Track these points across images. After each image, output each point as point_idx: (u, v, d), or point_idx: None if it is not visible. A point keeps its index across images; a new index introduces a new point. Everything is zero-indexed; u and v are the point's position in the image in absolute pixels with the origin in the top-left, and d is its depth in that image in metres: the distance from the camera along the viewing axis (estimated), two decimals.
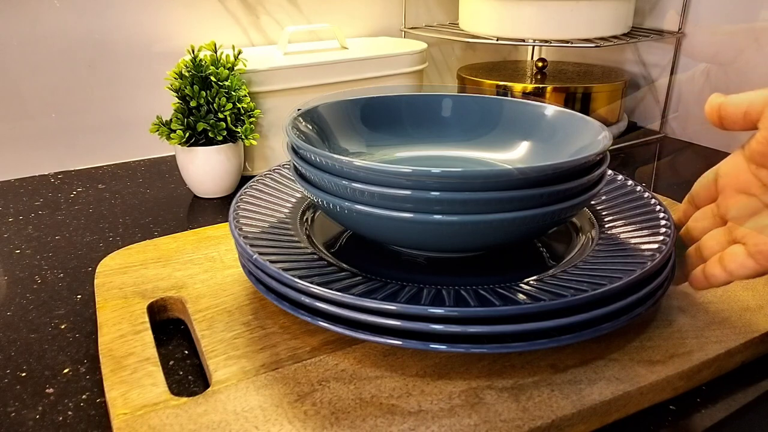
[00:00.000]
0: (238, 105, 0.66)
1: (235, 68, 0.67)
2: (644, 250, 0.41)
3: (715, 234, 0.41)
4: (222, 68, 0.66)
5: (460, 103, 0.54)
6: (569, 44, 0.79)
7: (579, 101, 0.84)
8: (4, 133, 0.75)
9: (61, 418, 0.37)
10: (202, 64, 0.66)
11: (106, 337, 0.41)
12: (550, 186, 0.37)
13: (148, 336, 0.41)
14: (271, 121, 0.73)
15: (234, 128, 0.66)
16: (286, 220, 0.47)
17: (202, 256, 0.51)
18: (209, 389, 0.36)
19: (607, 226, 0.46)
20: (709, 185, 0.42)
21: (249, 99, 0.68)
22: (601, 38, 0.81)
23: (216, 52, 0.67)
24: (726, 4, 0.82)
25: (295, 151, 0.43)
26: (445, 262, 0.43)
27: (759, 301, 0.44)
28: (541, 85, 0.84)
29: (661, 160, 0.83)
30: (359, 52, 0.79)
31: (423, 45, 0.83)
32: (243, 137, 0.67)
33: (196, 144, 0.66)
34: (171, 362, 0.41)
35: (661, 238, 0.42)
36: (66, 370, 0.41)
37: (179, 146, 0.66)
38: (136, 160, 0.82)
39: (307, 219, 0.48)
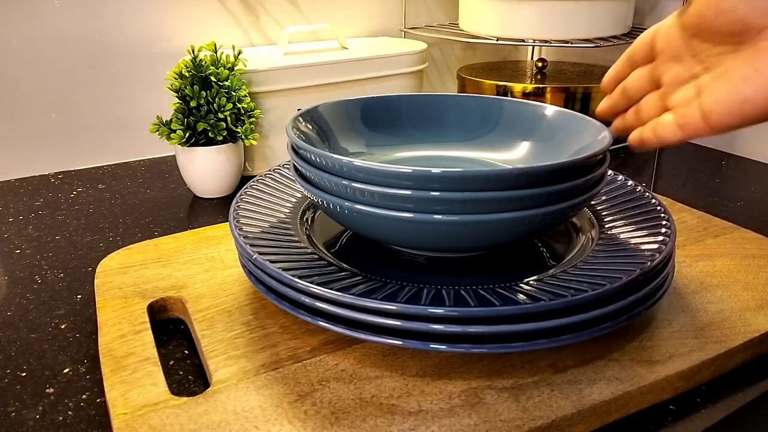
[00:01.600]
0: (238, 105, 0.66)
1: (235, 68, 0.67)
2: (644, 250, 0.41)
3: (651, 99, 0.42)
4: (222, 68, 0.66)
5: (460, 103, 0.54)
6: (569, 44, 0.79)
7: (579, 101, 0.84)
8: (4, 133, 0.75)
9: (61, 418, 0.37)
10: (202, 64, 0.66)
11: (106, 337, 0.41)
12: (550, 186, 0.37)
13: (148, 336, 0.41)
14: (271, 121, 0.73)
15: (234, 128, 0.66)
16: (286, 220, 0.47)
17: (202, 256, 0.51)
18: (209, 389, 0.36)
19: (607, 226, 0.46)
20: (646, 45, 0.42)
21: (249, 99, 0.68)
22: (601, 38, 0.81)
23: (216, 52, 0.67)
24: None
25: (295, 151, 0.43)
26: (445, 262, 0.43)
27: (759, 301, 0.44)
28: (541, 85, 0.84)
29: (661, 160, 0.83)
30: (359, 52, 0.79)
31: (423, 45, 0.83)
32: (243, 137, 0.67)
33: (196, 144, 0.66)
34: (171, 362, 0.41)
35: (661, 238, 0.42)
36: (66, 370, 0.41)
37: (179, 146, 0.66)
38: (136, 160, 0.82)
39: (307, 219, 0.48)
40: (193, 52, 0.66)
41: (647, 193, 0.49)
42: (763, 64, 0.35)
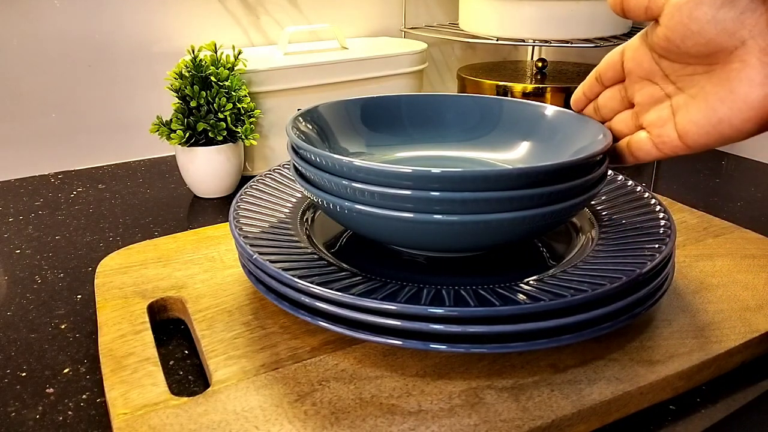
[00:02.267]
0: (238, 105, 0.66)
1: (235, 68, 0.67)
2: (644, 250, 0.41)
3: (624, 117, 0.43)
4: (222, 68, 0.66)
5: (460, 103, 0.54)
6: (569, 44, 0.79)
7: None
8: (4, 133, 0.75)
9: (61, 418, 0.37)
10: (202, 64, 0.66)
11: (106, 337, 0.41)
12: (550, 186, 0.37)
13: (148, 336, 0.41)
14: (272, 121, 0.73)
15: (234, 128, 0.66)
16: (286, 220, 0.47)
17: (202, 256, 0.51)
18: (209, 389, 0.36)
19: (607, 226, 0.46)
20: (615, 65, 0.42)
21: (249, 99, 0.68)
22: (601, 38, 0.81)
23: (216, 53, 0.67)
24: None
25: (295, 151, 0.43)
26: (445, 262, 0.43)
27: (759, 301, 0.44)
28: (541, 85, 0.84)
29: (661, 160, 0.83)
30: (359, 52, 0.79)
31: (423, 45, 0.83)
32: (243, 137, 0.67)
33: (196, 144, 0.66)
34: (171, 362, 0.41)
35: (661, 238, 0.42)
36: (66, 370, 0.41)
37: (179, 146, 0.66)
38: (136, 160, 0.82)
39: (307, 219, 0.48)
40: (193, 52, 0.66)
41: (647, 193, 0.49)
42: (736, 85, 0.34)
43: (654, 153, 0.40)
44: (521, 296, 0.36)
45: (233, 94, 0.66)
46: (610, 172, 0.51)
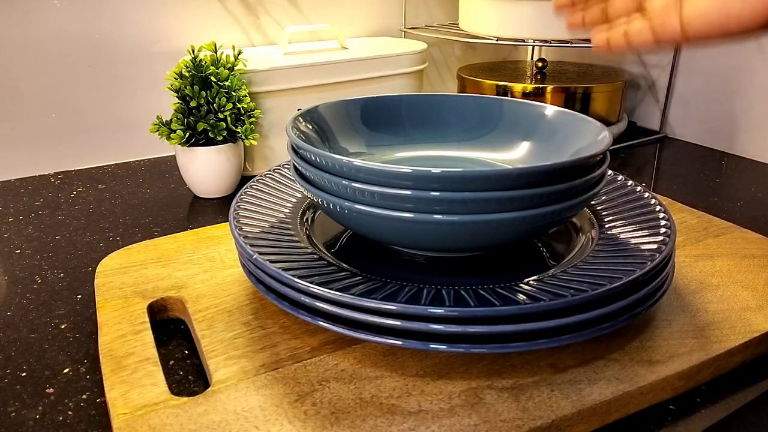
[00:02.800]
0: (238, 105, 0.66)
1: (235, 68, 0.67)
2: (644, 250, 0.41)
3: (624, 0, 0.40)
4: (222, 68, 0.66)
5: (460, 103, 0.54)
6: (569, 44, 0.79)
7: (579, 101, 0.84)
8: (4, 133, 0.75)
9: (61, 418, 0.37)
10: (202, 64, 0.66)
11: (106, 337, 0.41)
12: (550, 186, 0.37)
13: (148, 336, 0.41)
14: (272, 121, 0.73)
15: (234, 128, 0.66)
16: (286, 220, 0.47)
17: (202, 256, 0.51)
18: (209, 389, 0.36)
19: (607, 226, 0.46)
20: None
21: (249, 99, 0.68)
22: None
23: (216, 53, 0.67)
24: None
25: (295, 151, 0.43)
26: (445, 262, 0.43)
27: (759, 301, 0.44)
28: (541, 85, 0.84)
29: (661, 160, 0.83)
30: (359, 52, 0.79)
31: (423, 45, 0.83)
32: (243, 137, 0.67)
33: (196, 144, 0.66)
34: (171, 362, 0.41)
35: (661, 238, 0.42)
36: (66, 370, 0.41)
37: (179, 146, 0.66)
38: (136, 160, 0.82)
39: (307, 219, 0.48)
40: (193, 52, 0.66)
41: (647, 193, 0.49)
42: None
43: (650, 41, 0.38)
44: (521, 296, 0.36)
45: (233, 94, 0.66)
46: (610, 172, 0.51)
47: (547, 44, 0.80)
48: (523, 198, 0.36)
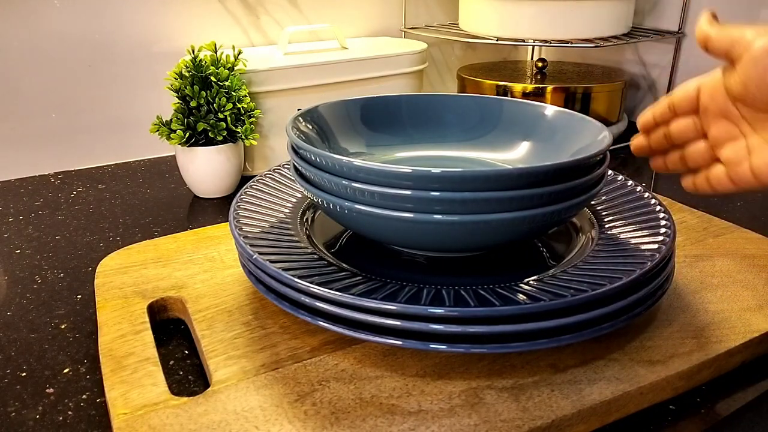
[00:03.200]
0: (238, 105, 0.66)
1: (235, 68, 0.67)
2: (644, 250, 0.41)
3: (699, 148, 0.45)
4: (222, 68, 0.66)
5: (460, 103, 0.54)
6: (569, 44, 0.79)
7: (579, 101, 0.84)
8: (4, 133, 0.75)
9: (61, 418, 0.37)
10: (202, 64, 0.66)
11: (106, 337, 0.41)
12: (550, 186, 0.37)
13: (148, 336, 0.41)
14: (272, 121, 0.73)
15: (234, 128, 0.66)
16: (286, 220, 0.47)
17: (202, 256, 0.51)
18: (209, 389, 0.36)
19: (607, 226, 0.46)
20: (691, 98, 0.44)
21: (249, 99, 0.68)
22: (601, 38, 0.81)
23: (216, 53, 0.67)
24: (726, 4, 0.82)
25: (295, 151, 0.43)
26: (445, 262, 0.43)
27: (759, 301, 0.44)
28: (541, 85, 0.84)
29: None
30: (359, 52, 0.79)
31: (423, 45, 0.83)
32: (243, 137, 0.67)
33: (196, 144, 0.66)
34: (171, 362, 0.41)
35: (661, 238, 0.42)
36: (66, 370, 0.41)
37: (179, 146, 0.66)
38: (136, 160, 0.82)
39: (307, 219, 0.48)
40: (193, 52, 0.66)
41: (647, 193, 0.49)
42: None
43: (731, 187, 0.42)
44: (521, 296, 0.36)
45: (233, 94, 0.66)
46: (610, 172, 0.51)
47: (547, 44, 0.80)
48: (523, 198, 0.36)
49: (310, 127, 0.48)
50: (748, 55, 0.37)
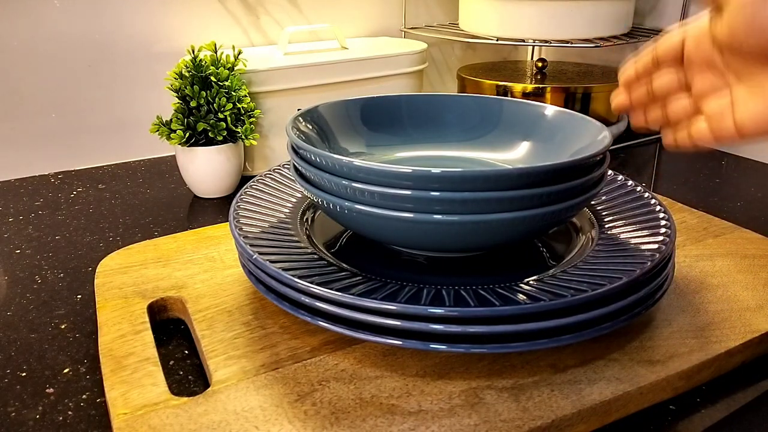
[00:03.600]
0: (239, 105, 0.66)
1: (235, 68, 0.67)
2: (644, 250, 0.41)
3: (682, 102, 0.43)
4: (222, 68, 0.66)
5: (460, 103, 0.54)
6: (569, 44, 0.79)
7: (579, 101, 0.84)
8: (4, 133, 0.75)
9: (61, 418, 0.37)
10: (203, 64, 0.66)
11: (106, 337, 0.41)
12: (550, 186, 0.37)
13: (148, 336, 0.41)
14: (272, 121, 0.73)
15: (234, 128, 0.66)
16: (286, 220, 0.47)
17: (202, 256, 0.51)
18: (209, 389, 0.36)
19: (607, 226, 0.46)
20: (675, 49, 0.42)
21: (249, 99, 0.68)
22: (601, 38, 0.81)
23: (216, 53, 0.67)
24: None
25: (295, 151, 0.43)
26: (445, 262, 0.43)
27: (759, 301, 0.44)
28: (541, 85, 0.84)
29: (661, 160, 0.83)
30: (359, 52, 0.79)
31: (423, 45, 0.83)
32: (243, 137, 0.67)
33: (196, 144, 0.66)
34: (171, 362, 0.41)
35: (661, 238, 0.42)
36: (66, 370, 0.41)
37: (179, 146, 0.66)
38: (136, 160, 0.82)
39: (307, 219, 0.48)
40: (193, 52, 0.66)
41: (647, 193, 0.49)
42: None
43: (711, 142, 0.41)
44: (521, 296, 0.36)
45: (233, 94, 0.66)
46: (610, 172, 0.51)
47: (547, 44, 0.80)
48: (523, 198, 0.36)
49: (310, 127, 0.48)
50: (734, 1, 0.35)
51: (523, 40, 0.81)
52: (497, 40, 0.81)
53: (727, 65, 0.39)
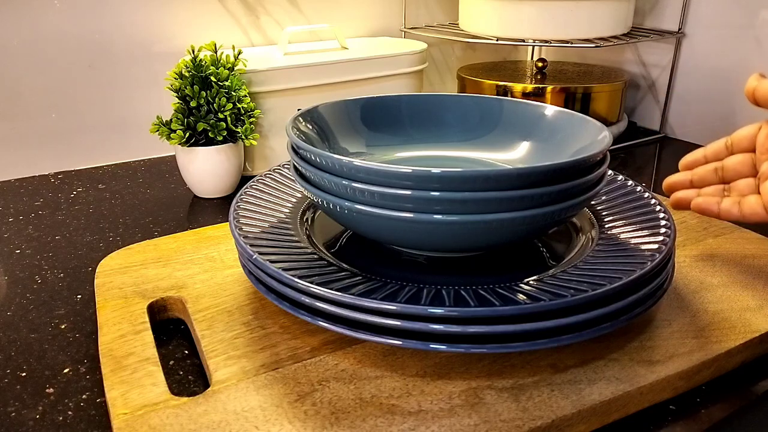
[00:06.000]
0: (239, 105, 0.66)
1: (235, 68, 0.67)
2: (644, 250, 0.41)
3: (748, 182, 0.46)
4: (222, 68, 0.66)
5: (460, 104, 0.54)
6: (569, 44, 0.79)
7: (579, 101, 0.84)
8: (4, 133, 0.75)
9: (61, 418, 0.37)
10: (203, 64, 0.66)
11: (106, 337, 0.41)
12: (550, 186, 0.37)
13: (148, 336, 0.41)
14: (271, 121, 0.73)
15: (234, 128, 0.66)
16: (286, 220, 0.47)
17: (202, 256, 0.51)
18: (209, 389, 0.36)
19: (607, 226, 0.46)
20: (750, 136, 0.46)
21: (249, 99, 0.68)
22: (601, 38, 0.81)
23: (216, 53, 0.67)
24: (726, 4, 0.82)
25: (295, 151, 0.43)
26: (445, 262, 0.43)
27: (759, 301, 0.44)
28: (541, 85, 0.84)
29: (661, 160, 0.83)
30: (359, 52, 0.79)
31: (423, 45, 0.83)
32: (243, 137, 0.67)
33: (196, 144, 0.66)
34: (171, 362, 0.41)
35: (661, 238, 0.42)
36: (66, 370, 0.41)
37: (179, 146, 0.66)
38: (136, 160, 0.82)
39: (307, 219, 0.48)
40: (193, 52, 0.66)
41: (647, 193, 0.49)
42: None
43: (762, 214, 0.44)
44: (521, 296, 0.36)
45: (233, 94, 0.66)
46: (610, 172, 0.51)
47: (547, 44, 0.80)
48: (523, 198, 0.36)
49: (310, 127, 0.48)
50: None
51: (523, 40, 0.81)
52: (497, 40, 0.81)
53: None
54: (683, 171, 0.50)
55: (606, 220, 0.46)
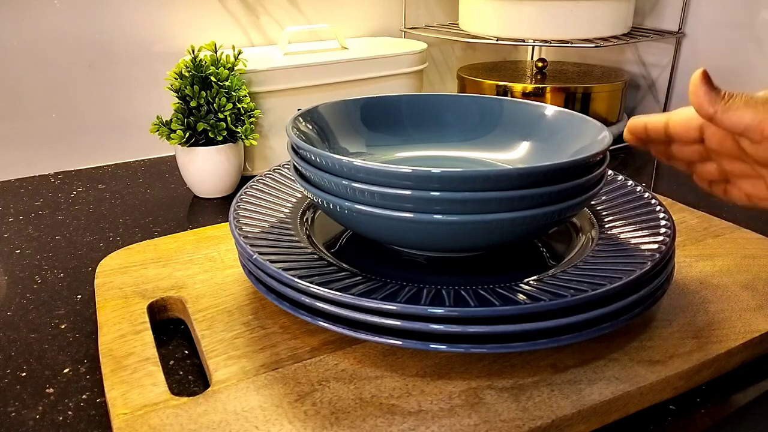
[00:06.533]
0: (238, 105, 0.66)
1: (235, 68, 0.67)
2: (644, 250, 0.41)
3: (710, 169, 0.44)
4: (222, 68, 0.66)
5: (460, 103, 0.54)
6: (569, 44, 0.79)
7: (579, 101, 0.84)
8: (4, 133, 0.75)
9: (61, 418, 0.37)
10: (203, 64, 0.66)
11: (106, 337, 0.41)
12: (551, 186, 0.37)
13: (148, 336, 0.41)
14: (271, 121, 0.73)
15: (234, 128, 0.66)
16: (286, 220, 0.47)
17: (202, 256, 0.51)
18: (209, 389, 0.36)
19: (607, 226, 0.46)
20: (691, 132, 0.43)
21: (249, 99, 0.68)
22: (601, 38, 0.81)
23: (216, 53, 0.67)
24: (726, 4, 0.82)
25: (295, 151, 0.43)
26: (445, 262, 0.43)
27: (759, 301, 0.44)
28: (541, 85, 0.84)
29: None
30: (359, 52, 0.79)
31: (423, 45, 0.83)
32: (243, 137, 0.67)
33: (196, 144, 0.66)
34: (171, 362, 0.41)
35: (661, 238, 0.42)
36: (66, 370, 0.41)
37: (179, 146, 0.66)
38: (136, 160, 0.82)
39: (307, 219, 0.48)
40: (193, 52, 0.66)
41: (647, 193, 0.49)
42: None
43: (749, 205, 0.43)
44: (521, 296, 0.36)
45: (233, 94, 0.66)
46: (610, 172, 0.51)
47: (547, 44, 0.80)
48: (523, 198, 0.36)
49: (310, 127, 0.48)
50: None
51: (523, 40, 0.81)
52: (497, 40, 0.81)
53: (756, 161, 0.40)
54: (631, 134, 0.46)
55: (606, 220, 0.46)
